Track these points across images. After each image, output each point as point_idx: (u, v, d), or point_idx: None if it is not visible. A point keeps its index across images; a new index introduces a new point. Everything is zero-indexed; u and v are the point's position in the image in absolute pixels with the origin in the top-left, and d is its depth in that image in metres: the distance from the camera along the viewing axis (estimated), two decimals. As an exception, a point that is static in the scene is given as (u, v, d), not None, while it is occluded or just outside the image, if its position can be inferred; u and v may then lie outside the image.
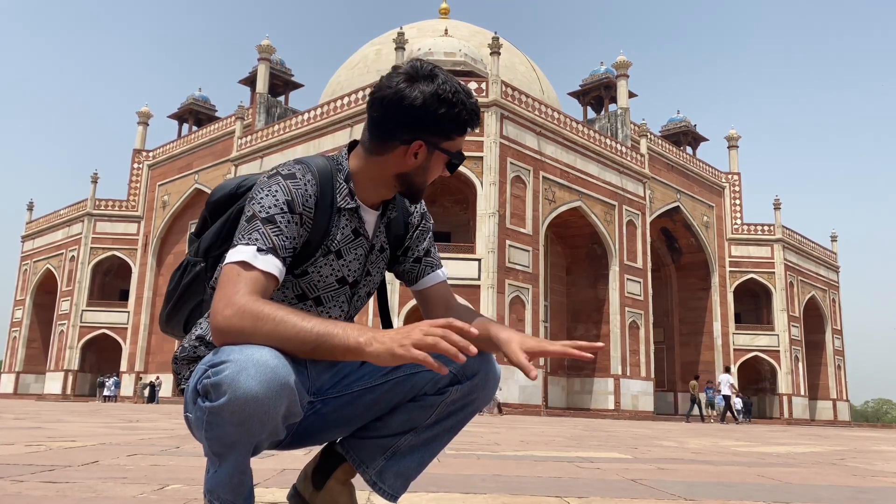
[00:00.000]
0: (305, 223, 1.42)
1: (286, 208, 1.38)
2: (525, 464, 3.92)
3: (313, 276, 1.50)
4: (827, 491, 3.05)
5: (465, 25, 39.05)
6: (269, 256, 1.33)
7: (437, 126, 1.44)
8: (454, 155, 1.50)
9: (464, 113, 1.46)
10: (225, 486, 1.30)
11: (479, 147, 24.91)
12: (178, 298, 1.58)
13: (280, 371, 1.19)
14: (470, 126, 1.49)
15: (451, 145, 1.49)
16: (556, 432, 8.87)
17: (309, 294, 1.51)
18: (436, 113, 1.42)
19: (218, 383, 1.19)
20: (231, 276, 1.31)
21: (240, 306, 1.26)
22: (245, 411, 1.18)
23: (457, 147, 1.50)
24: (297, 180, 1.43)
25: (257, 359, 1.19)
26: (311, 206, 1.43)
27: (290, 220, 1.38)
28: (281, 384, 1.19)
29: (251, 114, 34.29)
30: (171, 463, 3.37)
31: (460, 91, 1.46)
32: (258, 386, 1.17)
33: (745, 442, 8.00)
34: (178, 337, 1.62)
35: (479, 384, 1.50)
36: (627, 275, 29.73)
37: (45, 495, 2.20)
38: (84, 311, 37.51)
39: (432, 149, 1.47)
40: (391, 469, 1.53)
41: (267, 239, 1.34)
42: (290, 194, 1.40)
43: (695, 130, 40.63)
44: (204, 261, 1.55)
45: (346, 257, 1.52)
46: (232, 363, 1.19)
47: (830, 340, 41.37)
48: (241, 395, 1.17)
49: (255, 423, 1.20)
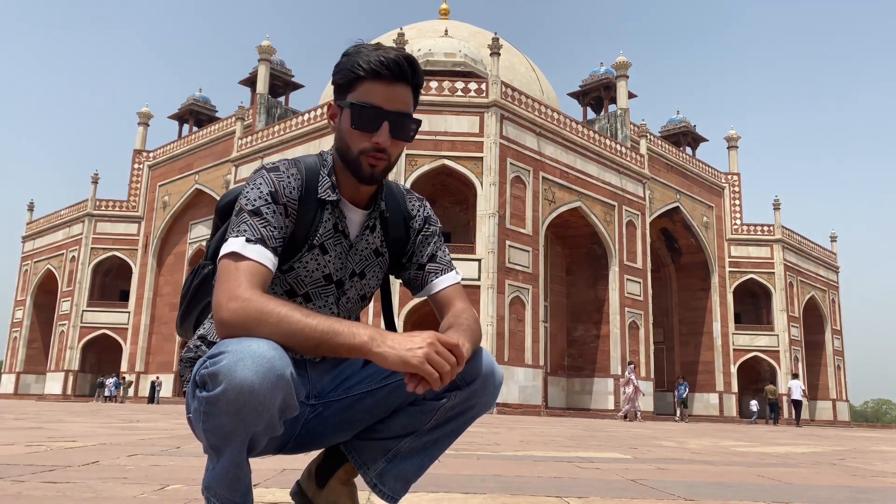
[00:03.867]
0: (290, 214, 1.44)
1: (270, 199, 1.40)
2: (525, 464, 3.93)
3: (300, 272, 1.50)
4: (827, 491, 3.05)
5: (465, 26, 39.04)
6: (257, 246, 1.35)
7: (336, 78, 1.45)
8: (356, 106, 1.41)
9: (363, 59, 1.41)
10: (222, 481, 1.31)
11: (478, 147, 24.91)
12: (189, 301, 1.61)
13: (276, 363, 1.20)
14: (375, 65, 1.39)
15: (354, 97, 1.42)
16: (556, 432, 8.87)
17: (297, 290, 1.52)
18: (338, 68, 1.44)
19: (215, 373, 1.20)
20: (228, 269, 1.32)
21: (244, 299, 1.27)
22: (240, 400, 1.18)
23: (363, 98, 1.41)
24: (280, 172, 1.45)
25: (254, 350, 1.20)
26: (294, 198, 1.44)
27: (276, 210, 1.40)
28: (277, 375, 1.20)
29: (251, 114, 34.28)
30: (172, 463, 3.37)
31: (368, 46, 1.44)
32: (254, 376, 1.18)
33: (744, 442, 8.00)
34: (190, 338, 1.65)
35: (479, 391, 1.49)
36: (627, 275, 29.73)
37: (45, 495, 2.20)
38: (84, 312, 37.48)
39: (342, 108, 1.45)
40: (391, 471, 1.53)
41: (254, 230, 1.36)
42: (273, 185, 1.42)
43: (694, 131, 40.61)
44: (212, 263, 1.56)
45: (331, 253, 1.51)
46: (229, 353, 1.20)
47: (830, 341, 41.35)
48: (237, 384, 1.18)
49: (251, 412, 1.20)
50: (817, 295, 40.58)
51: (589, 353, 29.39)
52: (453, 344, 1.25)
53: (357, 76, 1.41)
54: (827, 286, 41.99)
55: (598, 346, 29.12)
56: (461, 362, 1.26)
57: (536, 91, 33.62)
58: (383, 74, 1.40)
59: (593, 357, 29.24)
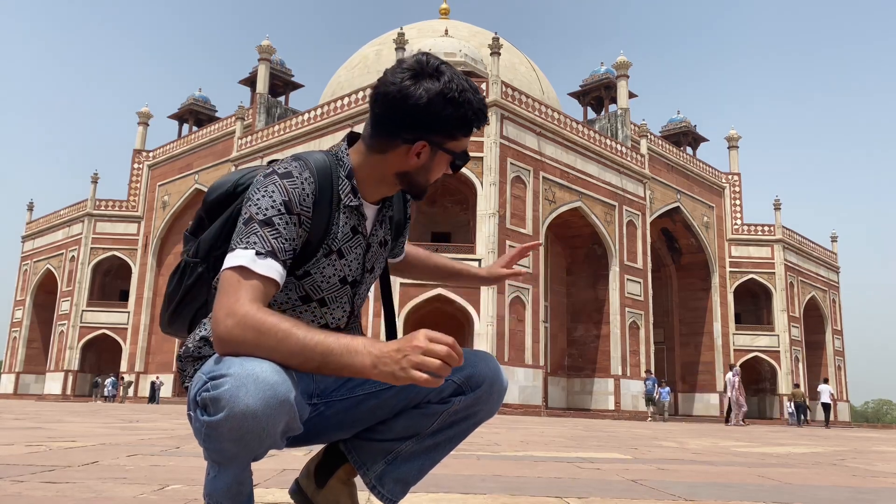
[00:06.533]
0: (304, 223, 1.39)
1: (283, 209, 1.34)
2: (525, 464, 3.92)
3: (316, 278, 1.47)
4: (827, 492, 3.05)
5: (465, 26, 39.03)
6: (268, 260, 1.30)
7: (442, 127, 1.40)
8: (458, 155, 1.47)
9: (469, 113, 1.41)
10: (223, 493, 1.30)
11: (479, 147, 24.90)
12: (181, 301, 1.54)
13: (279, 388, 1.17)
14: (476, 126, 1.45)
15: (455, 145, 1.45)
16: (556, 433, 8.86)
17: (313, 296, 1.49)
18: (441, 113, 1.38)
19: (217, 398, 1.18)
20: (231, 282, 1.28)
21: (241, 316, 1.23)
22: (243, 428, 1.17)
23: (462, 147, 1.46)
24: (293, 179, 1.38)
25: (257, 374, 1.17)
26: (308, 205, 1.39)
27: (289, 221, 1.35)
28: (280, 401, 1.17)
29: (251, 114, 34.28)
30: (171, 463, 3.37)
31: (468, 89, 1.41)
32: (256, 403, 1.15)
33: (745, 442, 8.00)
34: (180, 337, 1.60)
35: (483, 397, 1.48)
36: (627, 275, 29.72)
37: (45, 496, 2.20)
38: (84, 312, 37.46)
39: (436, 149, 1.43)
40: (391, 474, 1.53)
41: (265, 242, 1.31)
42: (287, 194, 1.36)
43: (695, 131, 40.61)
44: (205, 262, 1.51)
45: (348, 257, 1.49)
46: (231, 378, 1.17)
47: (830, 341, 41.35)
48: (239, 412, 1.15)
49: (253, 439, 1.19)
50: (818, 295, 40.56)
51: (589, 353, 29.38)
52: (445, 340, 1.20)
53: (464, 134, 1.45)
54: (827, 286, 41.98)
55: (599, 346, 29.12)
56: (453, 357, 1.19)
57: (537, 91, 33.61)
58: (480, 125, 1.48)
59: (593, 357, 29.23)
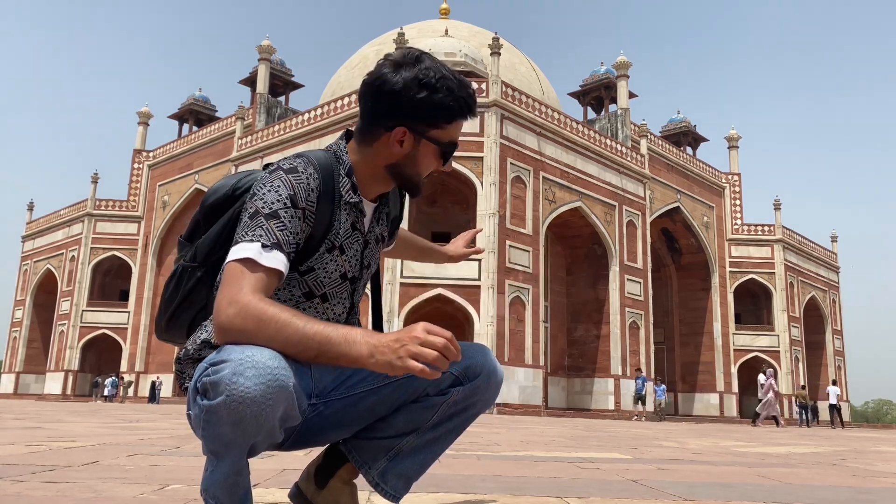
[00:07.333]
0: (308, 218, 1.41)
1: (289, 203, 1.37)
2: (525, 464, 3.92)
3: (319, 273, 1.49)
4: (827, 492, 3.05)
5: (465, 26, 39.02)
6: (273, 252, 1.32)
7: (419, 111, 1.41)
8: (444, 145, 1.46)
9: (449, 99, 1.41)
10: (220, 486, 1.30)
11: (479, 147, 24.90)
12: (178, 306, 1.53)
13: (279, 374, 1.19)
14: (459, 115, 1.44)
15: (438, 134, 1.45)
16: (557, 432, 8.86)
17: (316, 291, 1.50)
18: (415, 97, 1.39)
19: (216, 382, 1.19)
20: (235, 273, 1.30)
21: (243, 305, 1.25)
22: (241, 412, 1.18)
23: (448, 137, 1.46)
24: (298, 174, 1.41)
25: (257, 360, 1.19)
26: (313, 200, 1.41)
27: (294, 214, 1.37)
28: (279, 387, 1.19)
29: (251, 114, 34.28)
30: (171, 463, 3.37)
31: (448, 77, 1.42)
32: (255, 387, 1.17)
33: (745, 442, 8.00)
34: (177, 343, 1.60)
35: (481, 387, 1.50)
36: (627, 275, 29.72)
37: (45, 495, 2.19)
38: (84, 312, 37.47)
39: (418, 137, 1.44)
40: (393, 470, 1.53)
41: (271, 234, 1.33)
42: (292, 189, 1.38)
43: (695, 131, 40.62)
44: (203, 266, 1.51)
45: (348, 253, 1.51)
46: (231, 363, 1.19)
47: (831, 341, 41.35)
48: (238, 395, 1.17)
49: (251, 424, 1.20)
50: (818, 295, 40.57)
51: (589, 353, 29.38)
52: (444, 333, 1.21)
53: (445, 121, 1.44)
54: (827, 286, 41.99)
55: (599, 346, 29.12)
56: (450, 350, 1.20)
57: (537, 91, 33.60)
58: (465, 115, 1.46)
59: (594, 357, 29.23)
